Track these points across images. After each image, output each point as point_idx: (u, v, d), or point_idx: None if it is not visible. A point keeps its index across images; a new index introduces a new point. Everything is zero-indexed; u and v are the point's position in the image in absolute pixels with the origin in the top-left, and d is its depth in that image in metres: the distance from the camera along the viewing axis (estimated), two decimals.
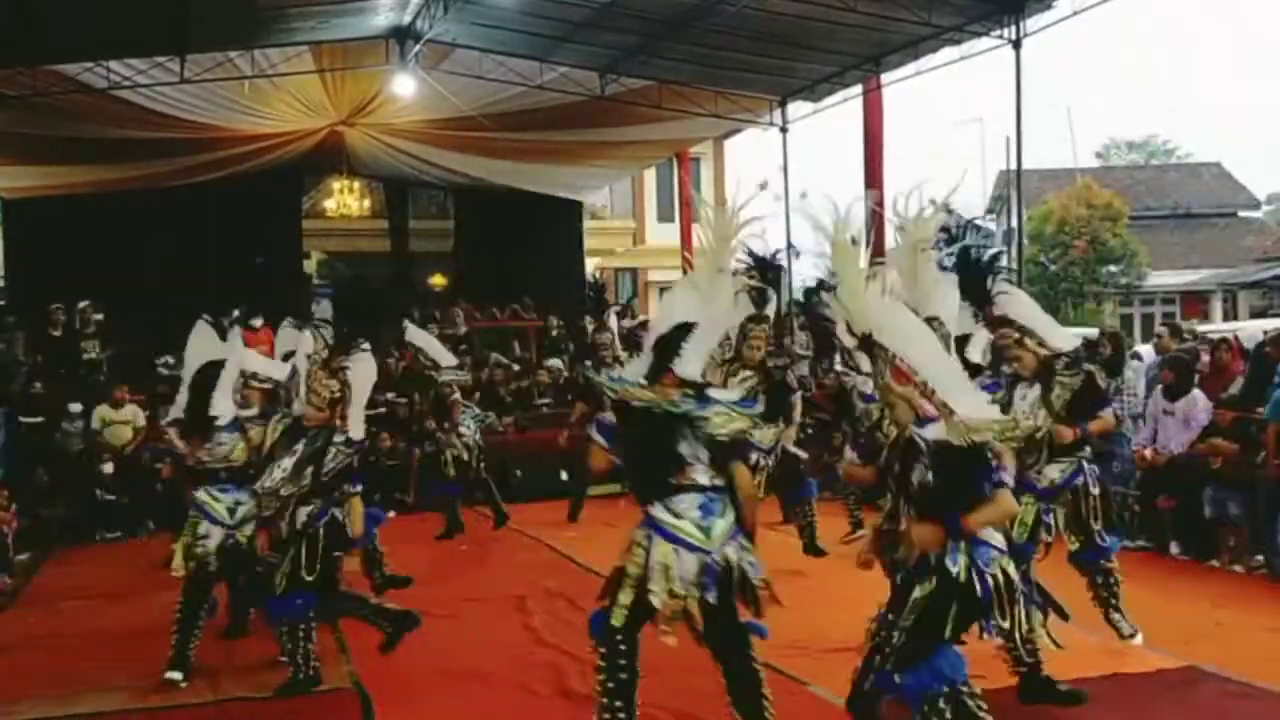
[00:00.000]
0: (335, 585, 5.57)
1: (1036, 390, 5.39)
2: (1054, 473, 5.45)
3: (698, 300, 4.29)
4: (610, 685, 4.10)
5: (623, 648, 4.09)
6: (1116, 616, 5.62)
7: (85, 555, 9.85)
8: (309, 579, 5.34)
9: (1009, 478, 3.86)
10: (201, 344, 5.95)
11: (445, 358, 9.48)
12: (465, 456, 9.40)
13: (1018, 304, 5.46)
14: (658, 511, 4.04)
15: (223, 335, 6.03)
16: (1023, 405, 5.29)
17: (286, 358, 6.65)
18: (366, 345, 5.55)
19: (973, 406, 3.72)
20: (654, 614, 4.04)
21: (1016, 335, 5.39)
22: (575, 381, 13.24)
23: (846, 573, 7.52)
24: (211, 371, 5.83)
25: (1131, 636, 5.61)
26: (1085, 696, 4.87)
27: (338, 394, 5.40)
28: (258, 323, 12.40)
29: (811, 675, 5.32)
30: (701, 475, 4.05)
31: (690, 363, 4.15)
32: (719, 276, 4.36)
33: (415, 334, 9.53)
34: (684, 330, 4.18)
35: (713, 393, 4.20)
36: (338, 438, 5.38)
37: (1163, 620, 6.03)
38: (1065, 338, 5.62)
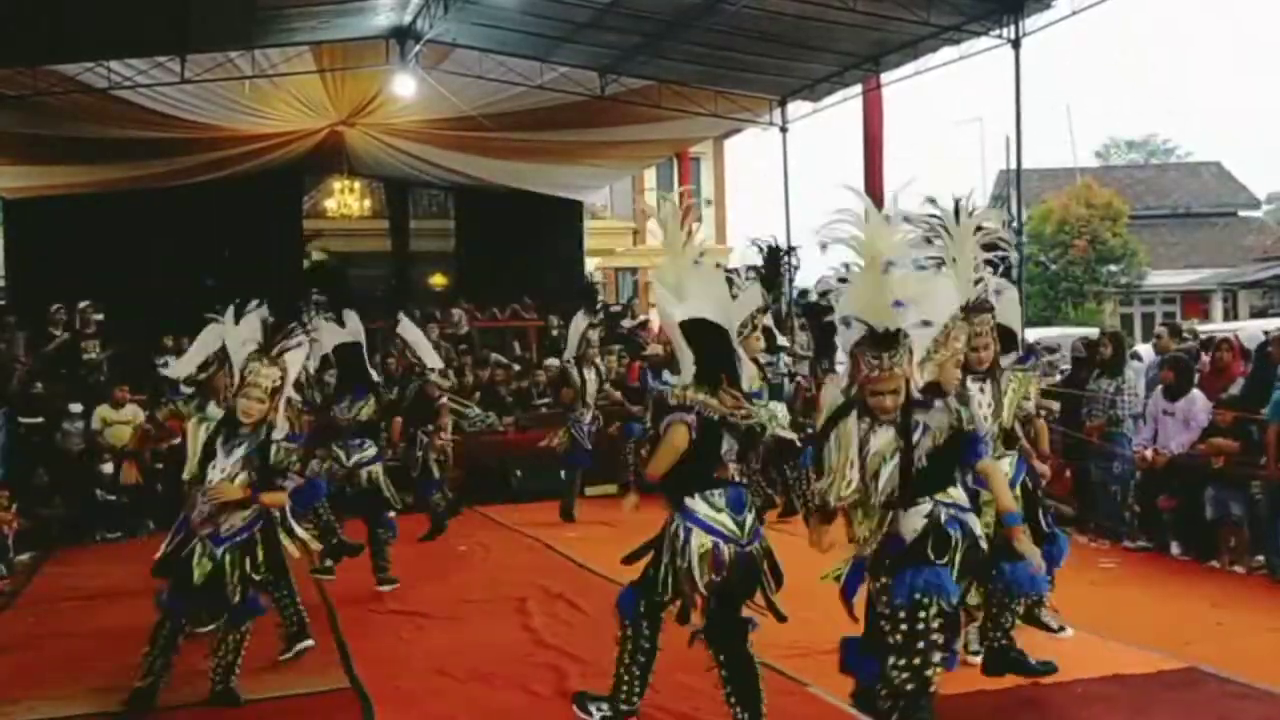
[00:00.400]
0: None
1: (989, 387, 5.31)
2: (1005, 465, 5.29)
3: (704, 297, 4.39)
4: (630, 659, 4.52)
5: (648, 630, 4.49)
6: (1043, 612, 5.56)
7: (85, 555, 9.83)
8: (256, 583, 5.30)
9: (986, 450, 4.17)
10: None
11: (432, 358, 9.48)
12: (443, 459, 9.56)
13: (1007, 306, 5.48)
14: (696, 504, 4.30)
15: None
16: (982, 398, 5.20)
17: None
18: (301, 337, 5.45)
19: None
20: (679, 599, 4.38)
21: (992, 323, 5.28)
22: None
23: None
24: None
25: (1060, 630, 5.62)
26: (1055, 667, 4.97)
27: (278, 383, 5.21)
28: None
29: (811, 675, 5.32)
30: (735, 470, 4.34)
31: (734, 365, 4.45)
32: (711, 271, 4.55)
33: (408, 328, 9.46)
34: (723, 336, 4.41)
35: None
36: (277, 434, 5.20)
37: (1163, 621, 6.07)
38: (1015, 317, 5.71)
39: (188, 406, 6.57)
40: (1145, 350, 10.60)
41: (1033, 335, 13.02)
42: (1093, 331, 11.58)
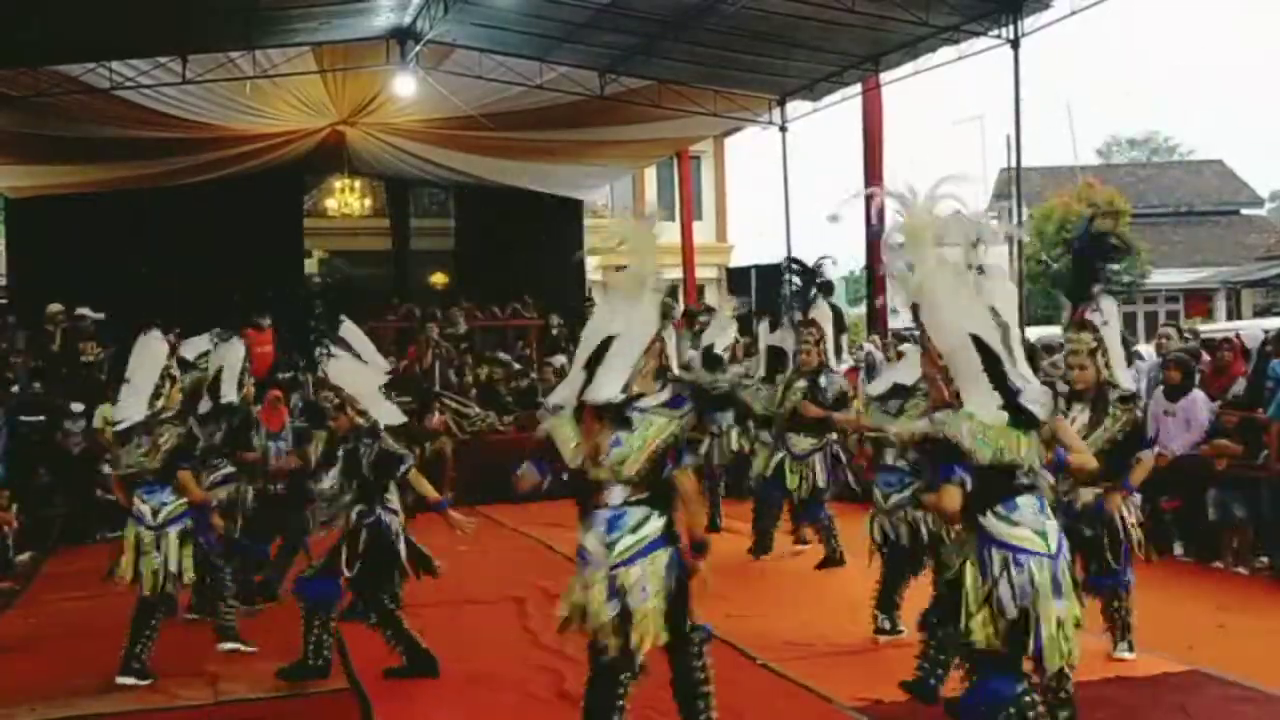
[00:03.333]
0: (379, 591, 5.57)
1: (1086, 414, 5.19)
2: (1088, 496, 5.19)
3: (619, 311, 4.11)
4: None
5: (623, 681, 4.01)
6: (1120, 638, 5.52)
7: (85, 555, 9.81)
8: (347, 573, 5.43)
9: (964, 474, 3.68)
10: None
11: (379, 361, 9.34)
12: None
13: (1109, 316, 5.30)
14: (582, 535, 4.01)
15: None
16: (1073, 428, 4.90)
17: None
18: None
19: (981, 405, 3.67)
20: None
21: (1092, 344, 5.21)
22: None
23: (844, 574, 7.60)
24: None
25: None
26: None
27: None
28: (265, 322, 12.87)
29: (813, 678, 5.32)
30: (616, 495, 3.96)
31: (607, 384, 3.97)
32: (640, 287, 4.10)
33: (351, 330, 9.22)
34: (604, 348, 4.01)
35: (642, 403, 4.03)
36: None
37: (1166, 623, 5.98)
38: (1128, 377, 5.40)
39: None
40: (1146, 350, 10.61)
41: (1033, 334, 12.99)
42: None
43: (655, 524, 3.95)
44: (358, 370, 5.95)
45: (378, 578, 5.54)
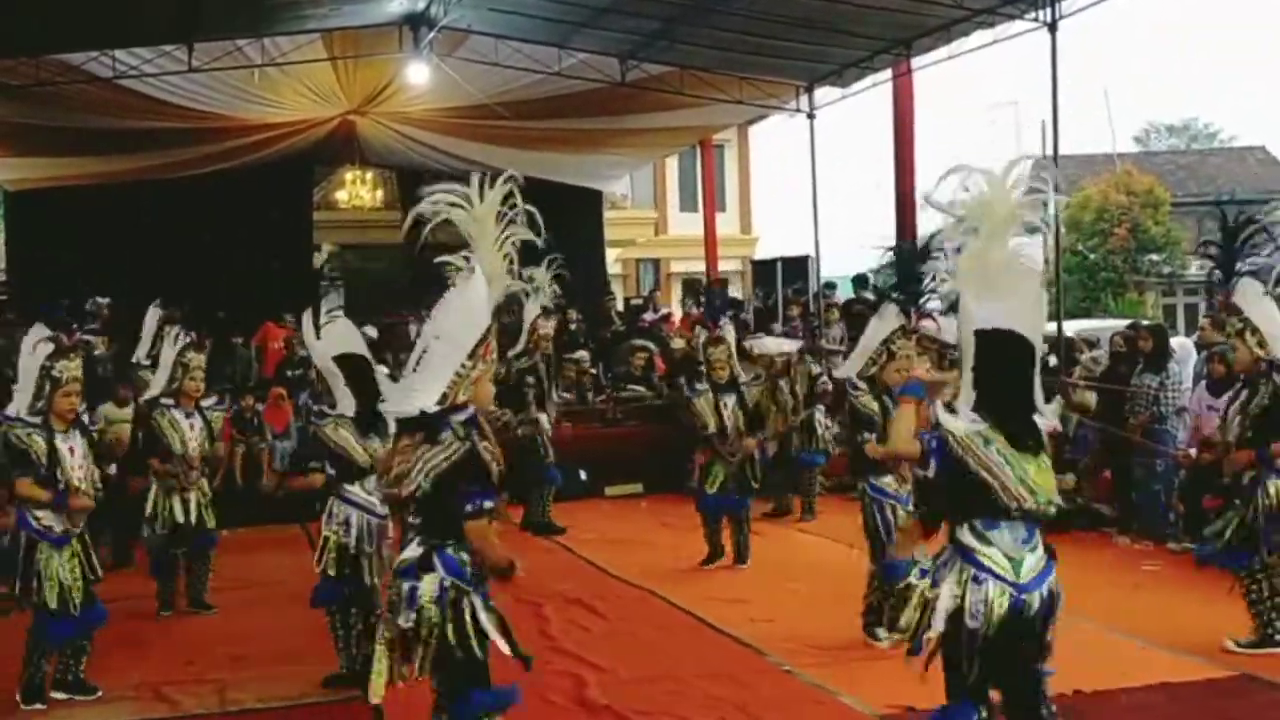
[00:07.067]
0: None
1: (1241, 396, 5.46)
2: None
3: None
4: None
5: None
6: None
7: None
8: (341, 571, 5.46)
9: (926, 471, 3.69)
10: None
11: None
12: None
13: (1251, 298, 5.54)
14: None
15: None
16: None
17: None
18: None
19: (951, 418, 3.56)
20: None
21: (1239, 325, 5.43)
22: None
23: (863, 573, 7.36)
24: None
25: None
26: None
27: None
28: (289, 317, 12.93)
29: (842, 684, 5.20)
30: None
31: (418, 394, 3.58)
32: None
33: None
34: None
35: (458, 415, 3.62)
36: None
37: (1211, 626, 5.83)
38: None
39: None
40: (1182, 343, 10.29)
41: (1071, 328, 12.59)
42: (1123, 324, 11.20)
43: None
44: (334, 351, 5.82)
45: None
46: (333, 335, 5.93)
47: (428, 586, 3.65)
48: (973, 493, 3.51)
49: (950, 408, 3.63)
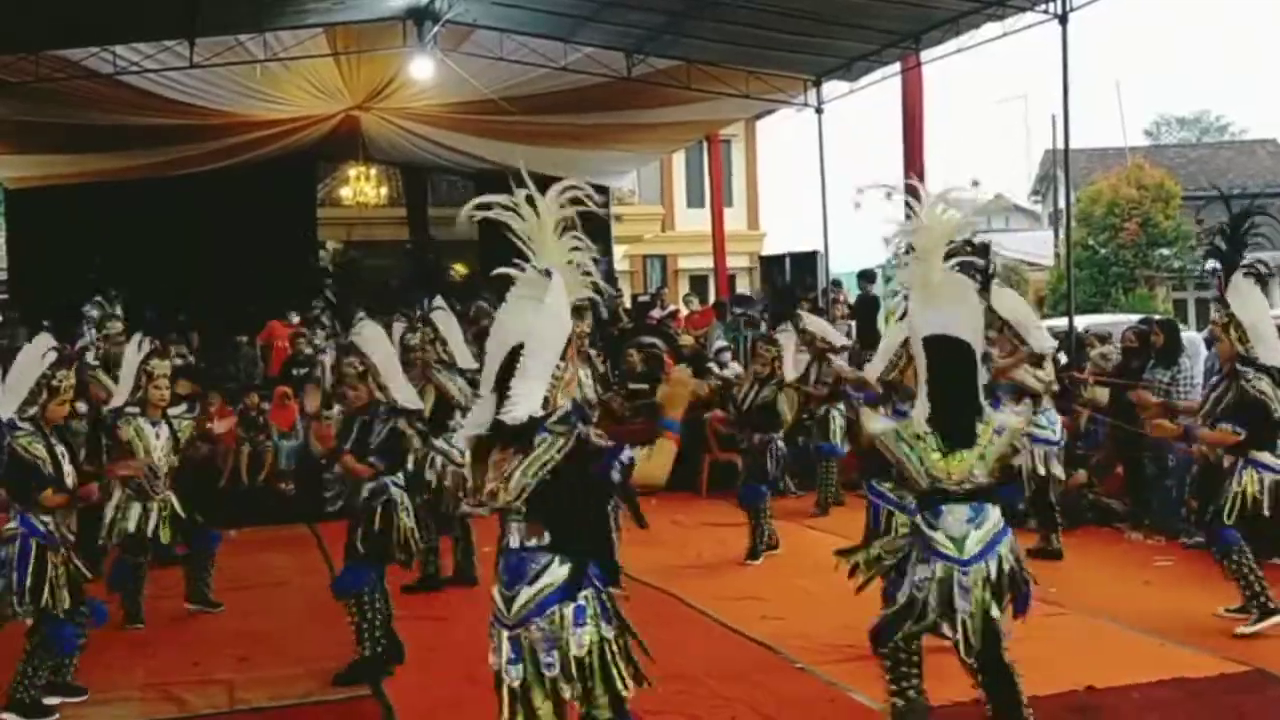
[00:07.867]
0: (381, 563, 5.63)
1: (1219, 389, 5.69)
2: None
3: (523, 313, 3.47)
4: None
5: None
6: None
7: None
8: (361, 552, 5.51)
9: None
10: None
11: (465, 353, 8.66)
12: None
13: (1242, 292, 5.75)
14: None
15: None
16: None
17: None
18: None
19: (871, 419, 4.32)
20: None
21: (1224, 319, 5.71)
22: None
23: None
24: None
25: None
26: None
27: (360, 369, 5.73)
28: (295, 317, 13.61)
29: (857, 682, 5.10)
30: (513, 537, 3.34)
31: (523, 401, 3.24)
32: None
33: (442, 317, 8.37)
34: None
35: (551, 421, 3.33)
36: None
37: (1224, 621, 5.84)
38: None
39: None
40: (1192, 338, 10.18)
41: (1082, 322, 12.47)
42: (1134, 318, 11.10)
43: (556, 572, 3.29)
44: (386, 345, 5.94)
45: (379, 549, 5.58)
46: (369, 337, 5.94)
47: (591, 603, 3.35)
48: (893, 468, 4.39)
49: (902, 411, 4.28)
